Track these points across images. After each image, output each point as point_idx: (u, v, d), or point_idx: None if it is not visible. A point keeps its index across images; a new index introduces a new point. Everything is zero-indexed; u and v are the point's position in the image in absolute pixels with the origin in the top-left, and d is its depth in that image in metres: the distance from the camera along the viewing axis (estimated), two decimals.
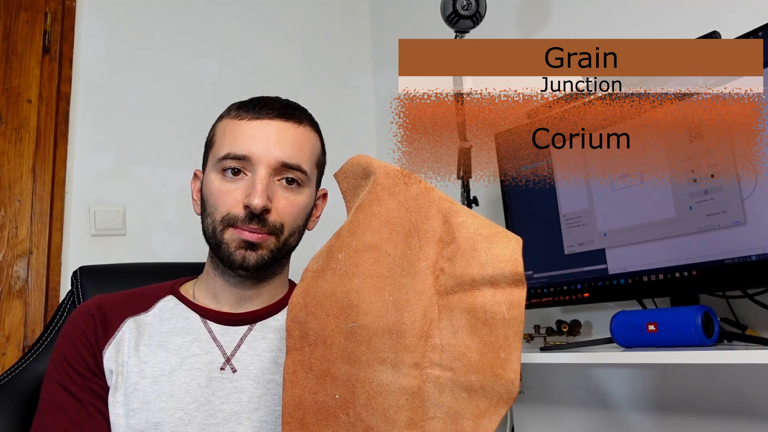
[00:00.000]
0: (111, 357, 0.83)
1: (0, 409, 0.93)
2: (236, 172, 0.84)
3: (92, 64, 1.67)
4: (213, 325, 0.87)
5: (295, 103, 0.91)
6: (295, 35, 1.97)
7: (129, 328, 0.86)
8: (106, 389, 0.82)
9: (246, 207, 0.82)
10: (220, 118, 0.90)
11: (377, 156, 2.02)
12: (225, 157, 0.84)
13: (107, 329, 0.85)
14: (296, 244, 0.90)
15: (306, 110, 0.91)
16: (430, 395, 0.58)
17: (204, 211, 0.87)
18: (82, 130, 1.63)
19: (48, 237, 1.54)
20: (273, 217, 0.83)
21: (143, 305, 0.89)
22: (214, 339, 0.86)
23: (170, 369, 0.82)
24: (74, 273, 1.09)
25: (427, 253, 0.62)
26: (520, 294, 0.57)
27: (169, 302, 0.90)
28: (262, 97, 0.89)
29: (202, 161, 0.92)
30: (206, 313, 0.88)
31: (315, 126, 0.92)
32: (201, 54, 1.81)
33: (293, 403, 0.67)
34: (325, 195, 0.97)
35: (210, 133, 0.91)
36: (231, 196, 0.83)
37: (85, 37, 1.67)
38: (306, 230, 0.92)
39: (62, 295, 1.50)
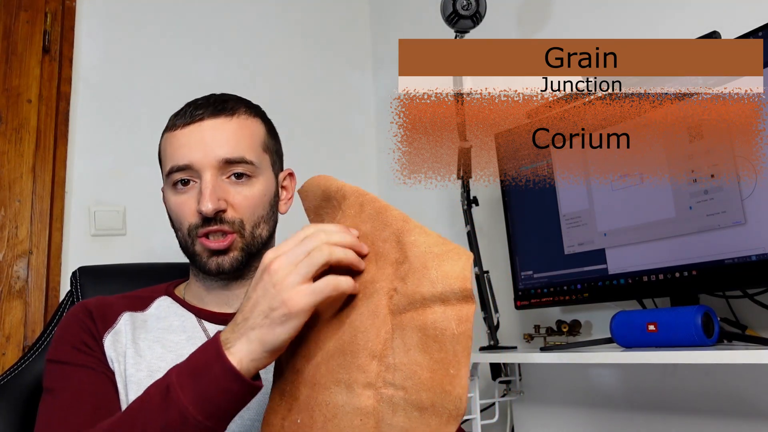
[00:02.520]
0: (110, 345, 0.83)
1: None
2: (185, 182, 0.84)
3: (92, 64, 1.67)
4: (208, 325, 0.87)
5: (228, 95, 0.90)
6: (295, 35, 1.97)
7: (125, 321, 0.86)
8: (111, 369, 0.82)
9: (199, 213, 0.83)
10: (162, 133, 0.90)
11: (377, 156, 2.02)
12: (170, 172, 0.85)
13: (106, 320, 0.85)
14: (270, 233, 0.90)
15: (241, 98, 0.90)
16: (384, 415, 0.58)
17: (173, 226, 0.89)
18: (82, 130, 1.63)
19: (48, 237, 1.54)
20: (231, 215, 0.84)
21: (140, 304, 0.90)
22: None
23: (166, 365, 0.82)
24: (74, 273, 1.09)
25: (384, 274, 0.62)
26: (469, 309, 0.56)
27: (164, 302, 0.91)
28: (194, 99, 0.89)
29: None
30: (201, 313, 0.88)
31: (254, 111, 0.91)
32: (201, 54, 1.81)
33: (267, 428, 0.67)
34: (291, 174, 0.96)
35: (158, 150, 0.92)
36: (186, 207, 0.84)
37: (85, 37, 1.67)
38: (279, 213, 0.92)
39: (62, 295, 1.50)
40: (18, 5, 1.62)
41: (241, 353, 0.61)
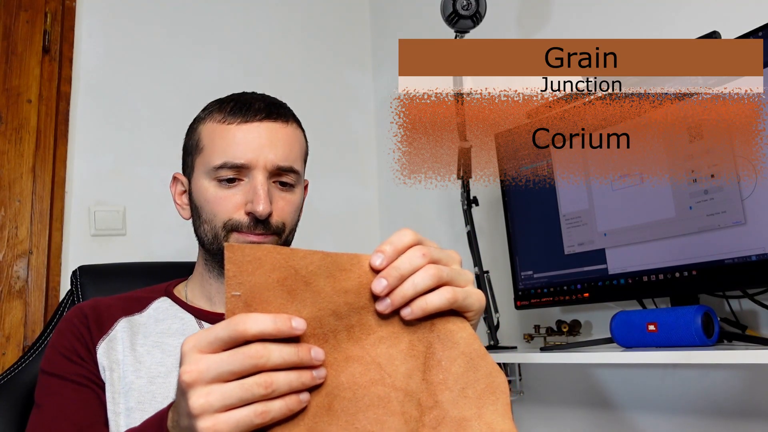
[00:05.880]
0: (104, 353, 0.83)
1: None
2: (231, 180, 0.83)
3: (92, 64, 1.67)
4: (208, 326, 0.87)
5: (276, 99, 0.90)
6: (295, 35, 1.97)
7: (122, 327, 0.85)
8: (102, 379, 0.82)
9: (249, 213, 0.82)
10: (201, 120, 0.88)
11: (377, 156, 2.02)
12: (221, 167, 0.82)
13: (101, 327, 0.85)
14: (292, 240, 0.90)
15: (287, 105, 0.90)
16: None
17: (199, 217, 0.86)
18: (82, 130, 1.63)
19: (48, 237, 1.54)
20: (275, 219, 0.83)
21: (137, 306, 0.89)
22: None
23: (166, 370, 0.82)
24: (74, 272, 1.09)
25: (406, 417, 0.51)
26: None
27: (163, 303, 0.90)
28: (243, 95, 0.88)
29: (182, 164, 0.91)
30: (201, 315, 0.88)
31: (298, 121, 0.91)
32: (201, 54, 1.81)
33: None
34: (306, 186, 0.96)
35: (193, 137, 0.89)
36: (230, 202, 0.83)
37: (85, 37, 1.67)
38: None
39: (62, 295, 1.50)
40: (18, 5, 1.62)
41: None
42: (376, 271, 0.51)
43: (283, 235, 0.85)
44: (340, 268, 0.50)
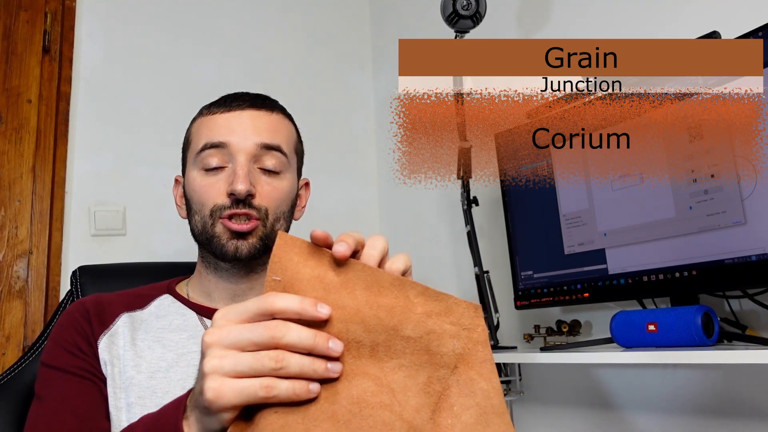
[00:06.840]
0: (105, 347, 0.83)
1: None
2: (215, 168, 0.85)
3: (92, 64, 1.67)
4: (209, 323, 0.87)
5: (264, 94, 0.92)
6: (295, 35, 1.97)
7: (124, 322, 0.85)
8: (103, 374, 0.82)
9: (231, 194, 0.83)
10: (193, 121, 0.92)
11: (377, 156, 2.02)
12: (203, 149, 0.85)
13: (103, 321, 0.85)
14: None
15: (277, 101, 0.92)
16: None
17: (190, 209, 0.88)
18: (82, 130, 1.63)
19: (48, 237, 1.54)
20: (258, 202, 0.84)
21: (139, 303, 0.89)
22: None
23: (167, 365, 0.82)
24: (74, 272, 1.09)
25: None
26: None
27: (165, 300, 0.90)
28: (230, 93, 0.90)
29: (181, 167, 0.93)
30: (202, 311, 0.88)
31: (288, 115, 0.93)
32: (201, 54, 1.81)
33: None
34: (307, 184, 0.97)
35: (185, 136, 0.92)
36: (214, 189, 0.84)
37: (85, 37, 1.68)
38: (293, 220, 0.93)
39: (62, 295, 1.50)
40: (18, 5, 1.62)
41: (193, 427, 0.55)
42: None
43: (267, 222, 0.85)
44: (379, 285, 0.51)
